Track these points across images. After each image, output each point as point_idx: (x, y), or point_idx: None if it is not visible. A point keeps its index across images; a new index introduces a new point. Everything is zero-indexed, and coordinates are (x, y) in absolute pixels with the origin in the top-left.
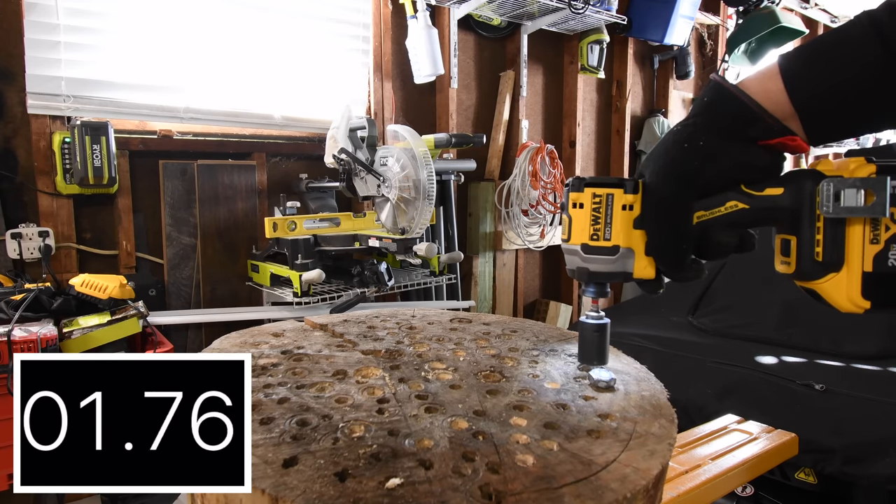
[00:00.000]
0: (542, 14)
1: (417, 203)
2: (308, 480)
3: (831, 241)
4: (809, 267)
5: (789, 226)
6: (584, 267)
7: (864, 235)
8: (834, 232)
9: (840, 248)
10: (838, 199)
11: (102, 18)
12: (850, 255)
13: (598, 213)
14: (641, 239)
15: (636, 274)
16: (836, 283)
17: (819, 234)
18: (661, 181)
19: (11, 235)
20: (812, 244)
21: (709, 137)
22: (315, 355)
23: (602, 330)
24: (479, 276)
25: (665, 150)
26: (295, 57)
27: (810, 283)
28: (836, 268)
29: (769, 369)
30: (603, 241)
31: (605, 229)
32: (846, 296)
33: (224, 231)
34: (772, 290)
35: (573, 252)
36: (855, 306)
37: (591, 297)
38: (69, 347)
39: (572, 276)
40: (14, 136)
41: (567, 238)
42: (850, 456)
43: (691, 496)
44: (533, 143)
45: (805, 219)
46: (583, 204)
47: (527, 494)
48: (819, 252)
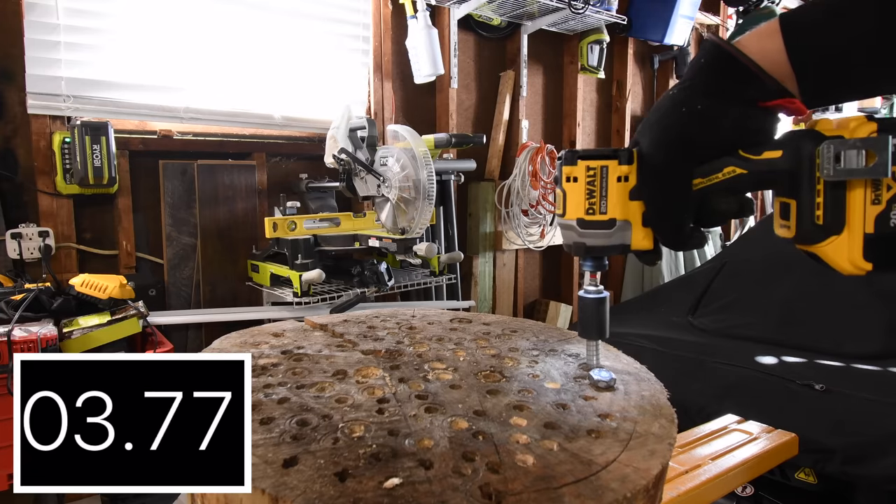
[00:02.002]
0: (542, 14)
1: (417, 203)
2: (308, 480)
3: (832, 203)
4: (810, 230)
5: (789, 189)
6: (581, 242)
7: (866, 196)
8: (834, 194)
9: (841, 211)
10: (839, 161)
11: (102, 18)
12: (851, 218)
13: (592, 187)
14: (639, 210)
15: (634, 245)
16: (837, 245)
17: (819, 197)
18: (658, 148)
19: (11, 235)
20: (812, 207)
21: (706, 100)
22: (315, 355)
23: (602, 304)
24: (479, 276)
25: (661, 116)
26: (295, 57)
27: (811, 246)
28: (837, 230)
29: (769, 369)
30: (599, 215)
31: (600, 202)
32: (847, 258)
33: (224, 231)
34: (772, 290)
35: (569, 227)
36: (857, 269)
37: (590, 270)
38: (69, 347)
39: (569, 251)
40: (14, 136)
41: (562, 213)
42: (850, 456)
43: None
44: (533, 143)
45: (804, 182)
46: (577, 177)
47: (527, 494)
48: (819, 215)
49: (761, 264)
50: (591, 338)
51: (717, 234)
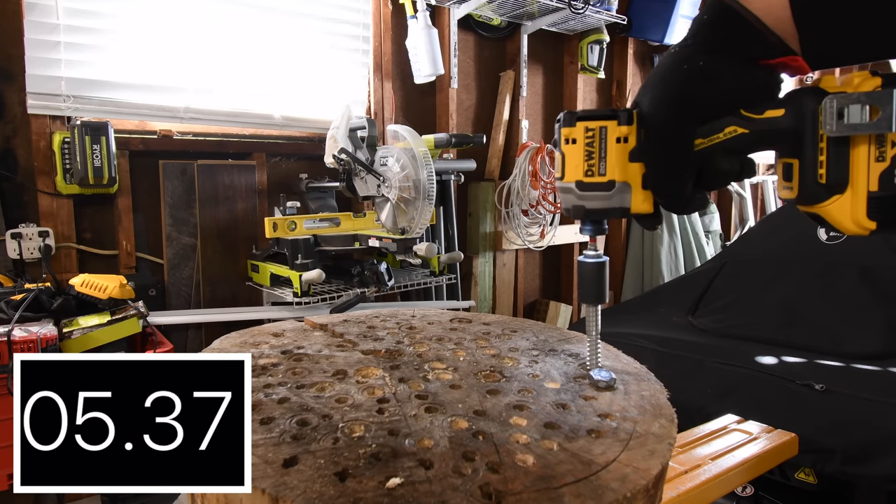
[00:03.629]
0: (542, 14)
1: (417, 203)
2: (308, 480)
3: (835, 161)
4: (813, 190)
5: (791, 148)
6: (580, 205)
7: (870, 153)
8: (838, 151)
9: (844, 169)
10: (842, 117)
11: (102, 18)
12: (855, 175)
13: (591, 148)
14: (638, 172)
15: (634, 209)
16: (840, 205)
17: (822, 155)
18: (659, 107)
19: (11, 235)
20: (815, 166)
21: (708, 57)
22: (315, 355)
23: (601, 268)
24: (479, 276)
25: (663, 74)
26: (295, 57)
27: (814, 206)
28: (841, 189)
29: (769, 369)
30: (598, 177)
31: (599, 164)
32: (851, 218)
33: (224, 231)
34: (772, 290)
35: (568, 190)
36: (860, 228)
37: (589, 235)
38: (69, 347)
39: (568, 214)
40: (14, 136)
41: (561, 176)
42: (850, 456)
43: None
44: (533, 143)
45: (807, 140)
46: (575, 139)
47: (527, 494)
48: (822, 174)
49: (761, 264)
50: (590, 302)
51: (718, 234)
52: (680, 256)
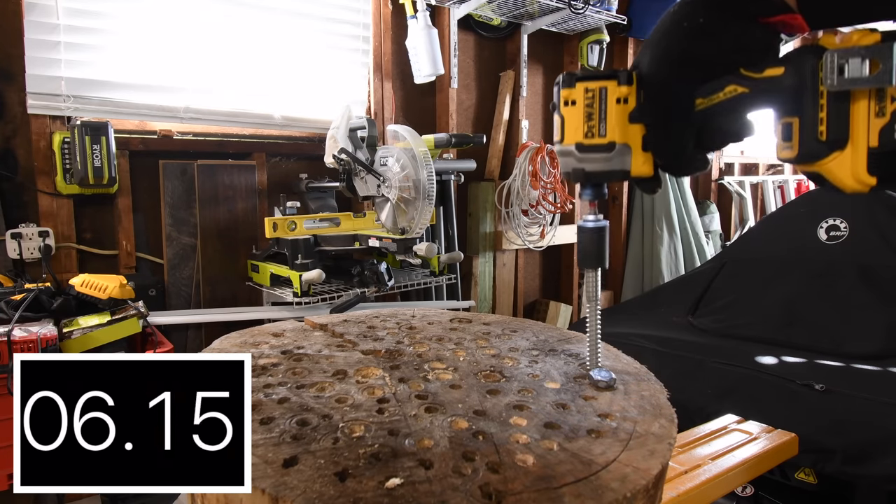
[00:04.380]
0: (542, 14)
1: (417, 203)
2: (308, 480)
3: (835, 117)
4: (814, 147)
5: (791, 107)
6: (580, 167)
7: (870, 109)
8: (838, 108)
9: (844, 125)
10: (842, 72)
11: (102, 18)
12: (855, 131)
13: (591, 109)
14: (638, 133)
15: (634, 171)
16: (840, 161)
17: (822, 112)
18: (660, 65)
19: (11, 235)
20: (815, 123)
21: (708, 14)
22: (315, 355)
23: (601, 233)
24: (479, 276)
25: (663, 33)
26: (295, 57)
27: (814, 164)
28: (841, 146)
29: (769, 369)
30: (598, 138)
31: (599, 126)
32: (851, 174)
33: (224, 231)
34: (772, 290)
35: (567, 153)
36: (861, 184)
37: (589, 199)
38: (69, 347)
39: (567, 178)
40: (14, 136)
41: (561, 139)
42: (850, 456)
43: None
44: (533, 143)
45: (808, 96)
46: (575, 101)
47: (527, 494)
48: (823, 131)
49: (761, 264)
50: (590, 267)
51: (718, 234)
52: (680, 256)
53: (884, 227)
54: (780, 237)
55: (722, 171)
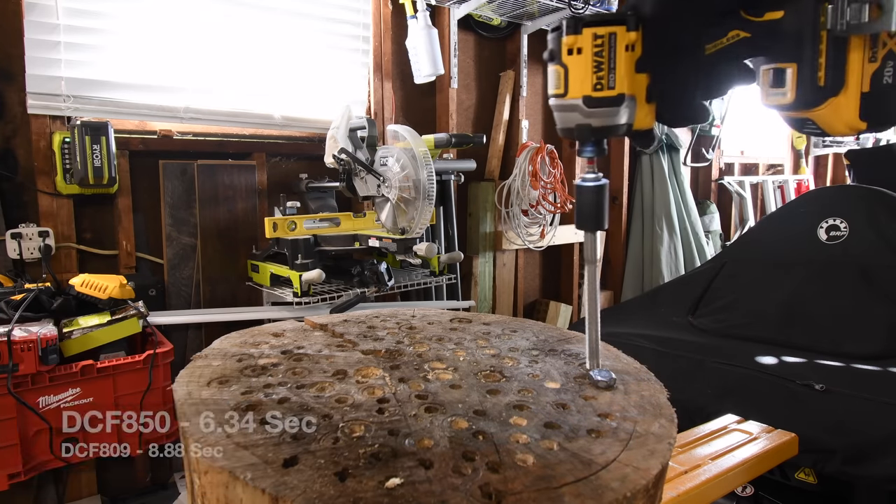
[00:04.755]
0: (542, 14)
1: (417, 203)
2: (308, 480)
3: (834, 62)
4: (811, 93)
5: (789, 52)
6: (586, 123)
7: (864, 55)
8: (837, 53)
9: (842, 70)
10: (845, 17)
11: (102, 18)
12: (851, 77)
13: (600, 58)
14: (643, 83)
15: (636, 124)
16: (835, 107)
17: (821, 57)
18: (666, 8)
19: (11, 235)
20: (814, 68)
21: None
22: (315, 355)
23: (602, 191)
24: (479, 276)
25: None
26: (295, 57)
27: (809, 111)
28: (837, 91)
29: (769, 369)
30: (607, 91)
31: (608, 76)
32: (844, 119)
33: (224, 231)
34: (772, 290)
35: (572, 108)
36: (851, 129)
37: (590, 157)
38: (69, 347)
39: (568, 135)
40: (14, 136)
41: (563, 92)
42: (850, 456)
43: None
44: (533, 143)
45: (808, 41)
46: (581, 49)
47: (527, 494)
48: (821, 76)
49: (761, 264)
50: (588, 229)
51: (718, 234)
52: (680, 256)
53: (884, 227)
54: (780, 237)
55: (722, 171)
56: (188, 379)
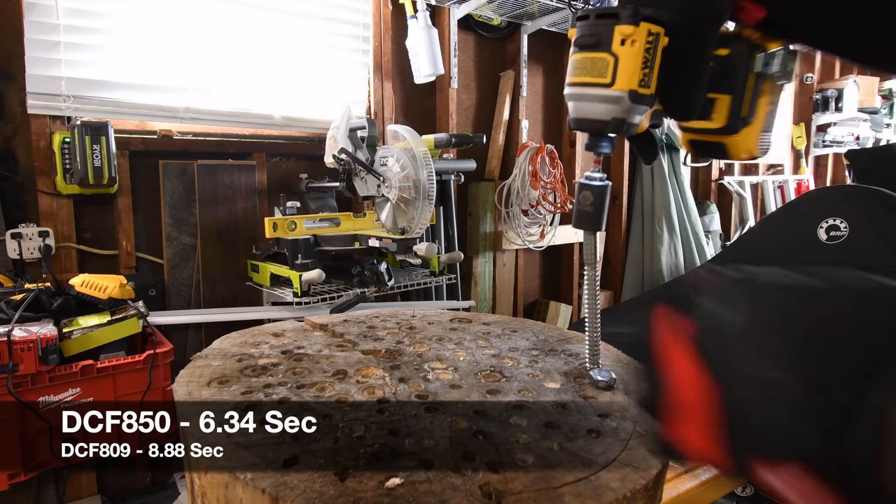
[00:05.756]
0: (542, 14)
1: (417, 203)
2: (308, 480)
3: (753, 100)
4: (735, 122)
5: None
6: (623, 118)
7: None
8: (755, 93)
9: (755, 107)
10: (768, 66)
11: (102, 18)
12: (759, 114)
13: (648, 55)
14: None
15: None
16: (745, 135)
17: (748, 94)
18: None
19: (11, 235)
20: (741, 102)
21: None
22: (315, 355)
23: (605, 192)
24: (479, 276)
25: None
26: (295, 57)
27: (728, 136)
28: (748, 123)
29: None
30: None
31: (650, 75)
32: (748, 147)
33: (224, 231)
34: None
35: (615, 100)
36: (750, 156)
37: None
38: (69, 347)
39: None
40: (14, 136)
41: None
42: None
43: (691, 496)
44: (533, 143)
45: (740, 79)
46: (635, 41)
47: (527, 494)
48: (745, 109)
49: (761, 264)
50: (588, 230)
51: (718, 234)
52: (680, 256)
53: (884, 227)
54: (780, 237)
55: (722, 171)
56: (188, 379)
